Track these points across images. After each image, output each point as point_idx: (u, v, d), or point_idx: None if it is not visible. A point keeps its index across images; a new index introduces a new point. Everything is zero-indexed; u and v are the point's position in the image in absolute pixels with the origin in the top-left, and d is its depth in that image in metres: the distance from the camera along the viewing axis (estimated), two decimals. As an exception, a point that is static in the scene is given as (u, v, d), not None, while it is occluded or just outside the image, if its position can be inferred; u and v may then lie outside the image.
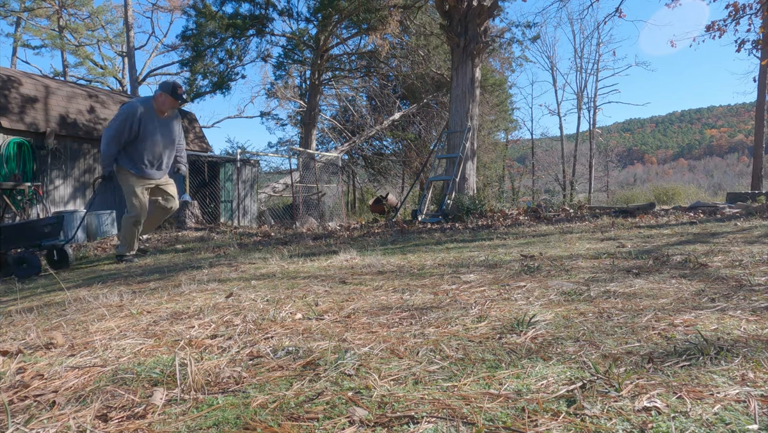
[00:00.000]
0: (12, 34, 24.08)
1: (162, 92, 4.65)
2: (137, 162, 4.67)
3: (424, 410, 1.00)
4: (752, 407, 0.94)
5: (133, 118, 4.54)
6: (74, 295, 2.83)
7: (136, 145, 4.63)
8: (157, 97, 4.66)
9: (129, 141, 4.59)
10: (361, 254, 3.77)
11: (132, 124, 4.54)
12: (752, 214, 5.81)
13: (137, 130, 4.58)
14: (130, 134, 4.56)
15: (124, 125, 4.52)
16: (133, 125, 4.54)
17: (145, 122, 4.59)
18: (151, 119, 4.65)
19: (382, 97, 17.60)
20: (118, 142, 4.55)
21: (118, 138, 4.54)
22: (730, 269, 2.33)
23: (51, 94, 10.77)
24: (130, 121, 4.53)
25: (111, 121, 4.60)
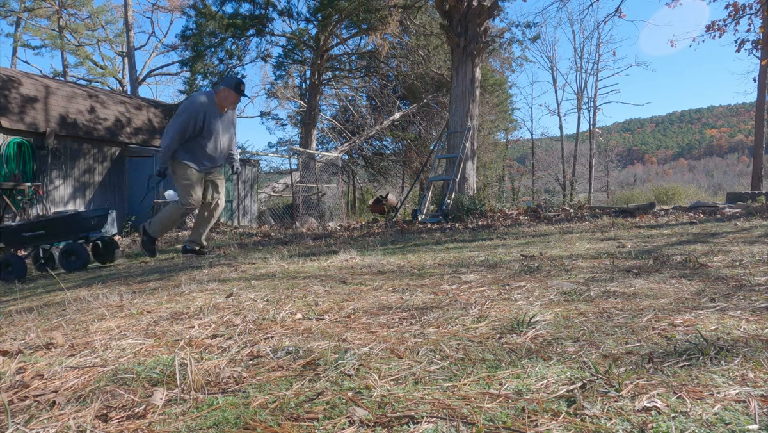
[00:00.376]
0: (12, 34, 24.08)
1: (225, 87, 4.55)
2: (197, 157, 4.59)
3: (424, 410, 1.00)
4: (752, 407, 0.94)
5: (199, 113, 4.47)
6: (74, 295, 2.83)
7: (197, 140, 4.56)
8: (220, 93, 4.57)
9: (191, 136, 4.52)
10: (361, 254, 3.77)
11: (197, 119, 4.46)
12: (752, 214, 5.81)
13: (201, 126, 4.50)
14: (194, 129, 4.49)
15: (190, 120, 4.44)
16: (198, 120, 4.47)
17: (209, 117, 4.52)
18: (214, 114, 4.57)
19: (382, 97, 17.59)
20: (182, 137, 4.47)
21: (183, 133, 4.46)
22: (730, 269, 2.33)
23: (51, 94, 10.77)
24: (195, 116, 4.45)
25: (175, 116, 4.53)
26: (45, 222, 4.79)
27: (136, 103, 13.08)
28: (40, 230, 4.70)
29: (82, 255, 4.67)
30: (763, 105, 14.51)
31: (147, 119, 12.98)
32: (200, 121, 4.48)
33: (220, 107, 4.61)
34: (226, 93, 4.54)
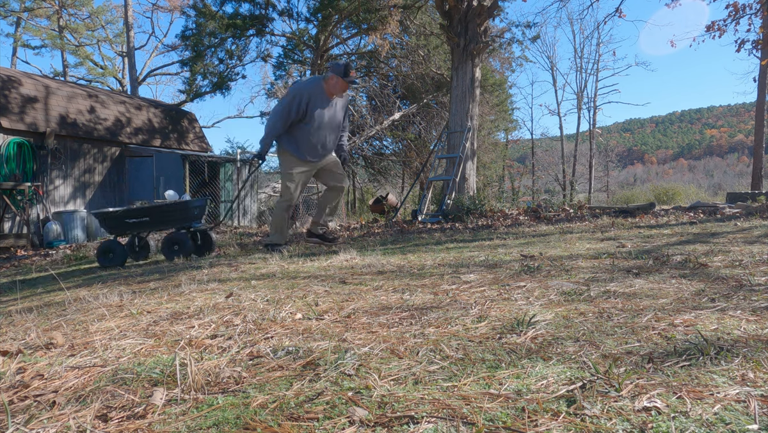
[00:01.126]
0: (12, 34, 24.08)
1: (333, 74, 4.38)
2: (301, 145, 4.45)
3: (424, 410, 1.00)
4: (752, 407, 0.94)
5: (303, 97, 4.33)
6: (74, 295, 2.83)
7: (302, 127, 4.42)
8: (329, 79, 4.40)
9: (295, 121, 4.39)
10: (361, 254, 3.77)
11: (300, 103, 4.32)
12: (752, 214, 5.81)
13: (305, 110, 4.36)
14: (298, 113, 4.35)
15: (293, 103, 4.32)
16: (301, 104, 4.33)
17: (314, 102, 4.37)
18: (321, 100, 4.42)
19: (382, 97, 17.59)
20: (285, 120, 4.34)
21: (287, 116, 4.33)
22: (730, 269, 2.33)
23: (51, 94, 10.77)
24: (298, 99, 4.32)
25: (280, 100, 4.45)
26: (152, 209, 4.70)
27: (136, 103, 13.08)
28: (145, 217, 4.63)
29: (186, 244, 4.57)
30: (763, 105, 14.51)
31: (147, 119, 12.98)
32: (303, 106, 4.33)
33: (329, 94, 4.43)
34: (335, 80, 4.36)
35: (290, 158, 4.45)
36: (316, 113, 4.38)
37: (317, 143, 4.47)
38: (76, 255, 6.49)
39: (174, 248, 4.57)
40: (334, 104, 4.53)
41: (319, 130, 4.43)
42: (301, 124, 4.39)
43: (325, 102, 4.42)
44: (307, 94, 4.32)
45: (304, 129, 4.40)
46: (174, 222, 4.69)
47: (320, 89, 4.39)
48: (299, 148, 4.43)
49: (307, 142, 4.42)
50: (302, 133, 4.41)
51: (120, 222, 4.66)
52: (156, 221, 4.66)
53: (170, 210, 4.66)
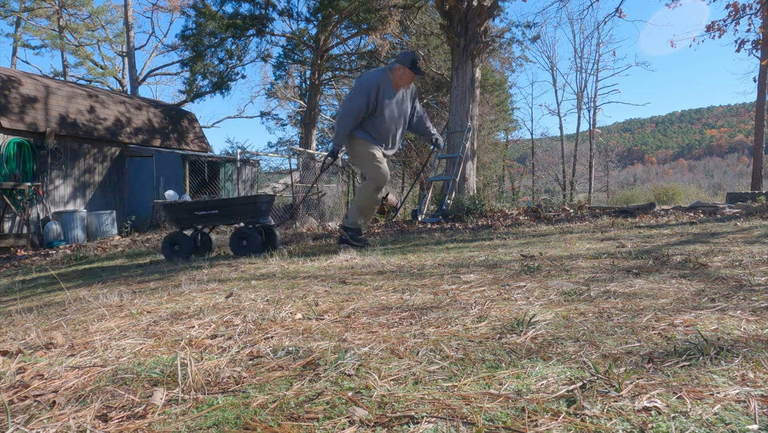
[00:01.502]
0: (12, 34, 24.08)
1: (400, 65, 4.28)
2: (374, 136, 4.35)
3: (424, 410, 1.00)
4: (752, 407, 0.94)
5: (372, 89, 4.24)
6: (74, 295, 2.83)
7: (372, 120, 4.33)
8: (395, 70, 4.31)
9: (366, 115, 4.30)
10: (361, 254, 3.77)
11: (370, 95, 4.23)
12: (752, 214, 5.81)
13: (375, 103, 4.26)
14: (368, 107, 4.26)
15: (363, 97, 4.22)
16: (371, 97, 4.23)
17: (383, 95, 4.28)
18: (389, 92, 4.32)
19: (382, 97, 17.57)
20: (357, 115, 4.24)
21: (358, 110, 4.23)
22: (730, 269, 2.33)
23: (51, 94, 10.77)
24: (367, 93, 4.23)
25: (349, 95, 4.36)
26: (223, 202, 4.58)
27: (136, 103, 13.08)
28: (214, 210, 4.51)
29: (255, 240, 4.43)
30: (763, 105, 14.51)
31: (147, 119, 12.97)
32: (373, 98, 4.23)
33: (396, 86, 4.35)
34: (402, 71, 4.27)
35: (365, 142, 4.32)
36: (385, 106, 4.29)
37: (387, 136, 4.38)
38: (76, 255, 6.49)
39: (242, 244, 4.45)
40: (401, 96, 4.43)
41: (388, 122, 4.34)
42: (372, 118, 4.30)
43: (393, 94, 4.34)
44: (376, 86, 4.23)
45: (373, 122, 4.31)
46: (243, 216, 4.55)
47: (388, 81, 4.30)
48: (373, 138, 4.34)
49: (377, 134, 4.34)
50: (372, 127, 4.33)
51: (188, 214, 4.56)
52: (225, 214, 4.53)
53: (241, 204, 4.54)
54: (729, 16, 11.64)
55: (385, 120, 4.32)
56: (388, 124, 4.35)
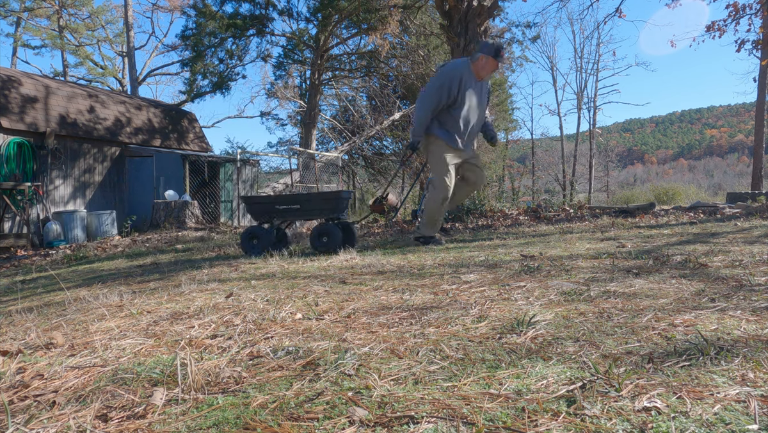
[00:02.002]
0: (12, 34, 24.08)
1: (483, 54, 4.13)
2: (452, 131, 4.18)
3: (424, 410, 1.00)
4: (752, 407, 0.94)
5: (455, 80, 4.08)
6: (74, 295, 2.83)
7: (451, 112, 4.16)
8: (477, 61, 4.15)
9: (445, 107, 4.16)
10: (361, 254, 3.77)
11: (452, 86, 4.08)
12: (752, 214, 5.81)
13: (456, 94, 4.11)
14: (449, 98, 4.11)
15: (444, 88, 4.08)
16: (453, 88, 4.08)
17: (465, 86, 4.13)
18: (471, 84, 4.17)
19: (382, 97, 17.60)
20: (436, 106, 4.10)
21: (437, 102, 4.09)
22: (730, 269, 2.33)
23: (51, 94, 10.77)
24: (449, 83, 4.07)
25: (430, 85, 4.19)
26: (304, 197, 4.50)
27: (136, 103, 13.08)
28: (295, 204, 4.43)
29: (336, 236, 4.32)
30: (763, 105, 14.51)
31: (147, 119, 12.98)
32: (455, 90, 4.09)
33: (477, 76, 4.20)
34: (485, 61, 4.11)
35: (442, 146, 4.19)
36: (467, 97, 4.14)
37: (465, 129, 4.23)
38: (76, 255, 6.49)
39: (323, 240, 4.35)
40: (481, 88, 4.30)
41: (468, 114, 4.19)
42: (451, 109, 4.16)
43: (475, 85, 4.20)
44: (458, 77, 4.10)
45: (453, 114, 4.16)
46: (324, 212, 4.45)
47: (469, 71, 4.17)
48: (450, 134, 4.19)
49: (457, 127, 4.18)
50: (451, 119, 4.17)
51: (269, 208, 4.47)
52: (307, 209, 4.43)
53: (324, 199, 4.45)
54: (729, 16, 11.63)
55: (466, 112, 4.17)
56: (468, 117, 4.20)
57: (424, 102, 4.13)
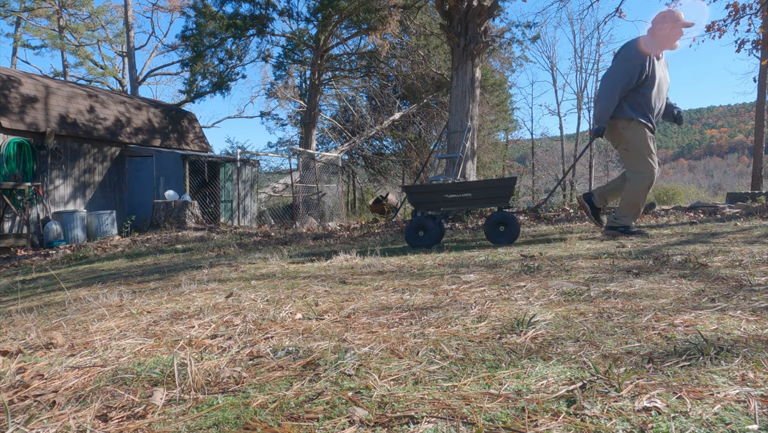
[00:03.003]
0: (12, 34, 24.08)
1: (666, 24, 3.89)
2: (644, 112, 3.91)
3: (424, 410, 1.00)
4: (752, 407, 0.94)
5: (645, 58, 3.84)
6: (74, 295, 2.83)
7: (642, 92, 3.91)
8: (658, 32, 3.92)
9: (634, 87, 3.92)
10: (361, 254, 3.77)
11: (644, 64, 3.84)
12: (752, 214, 5.81)
13: (647, 72, 3.86)
14: (639, 78, 3.86)
15: (635, 66, 3.84)
16: (644, 66, 3.85)
17: (653, 63, 3.88)
18: (656, 59, 3.93)
19: (382, 97, 17.60)
20: (625, 87, 3.86)
21: (627, 82, 3.84)
22: (730, 269, 2.33)
23: (51, 94, 10.78)
24: (642, 61, 3.84)
25: (617, 65, 3.92)
26: (477, 184, 4.29)
27: (136, 103, 13.08)
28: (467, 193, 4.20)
29: (515, 226, 4.10)
30: (763, 105, 14.51)
31: (147, 119, 12.98)
32: (646, 68, 3.84)
33: (661, 49, 3.99)
34: (668, 29, 3.87)
35: (642, 128, 3.92)
36: (657, 75, 3.91)
37: (655, 110, 3.97)
38: (76, 255, 6.49)
39: (499, 229, 4.12)
40: (664, 63, 4.09)
41: (659, 93, 3.96)
42: (642, 89, 3.92)
43: (658, 61, 3.96)
44: (647, 54, 3.86)
45: (644, 95, 3.92)
46: (497, 200, 4.20)
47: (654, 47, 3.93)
48: (645, 115, 3.92)
49: (650, 108, 3.93)
50: (643, 99, 3.92)
51: (437, 197, 4.26)
52: (478, 197, 4.19)
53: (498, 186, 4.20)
54: (729, 16, 11.63)
55: (657, 91, 3.93)
56: (657, 96, 3.96)
57: (611, 84, 3.88)
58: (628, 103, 3.92)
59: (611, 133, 4.02)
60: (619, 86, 3.85)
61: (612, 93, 3.87)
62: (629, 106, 3.91)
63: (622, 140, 3.97)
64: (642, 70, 3.85)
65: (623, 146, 3.99)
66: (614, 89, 3.86)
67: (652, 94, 3.91)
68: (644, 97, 3.91)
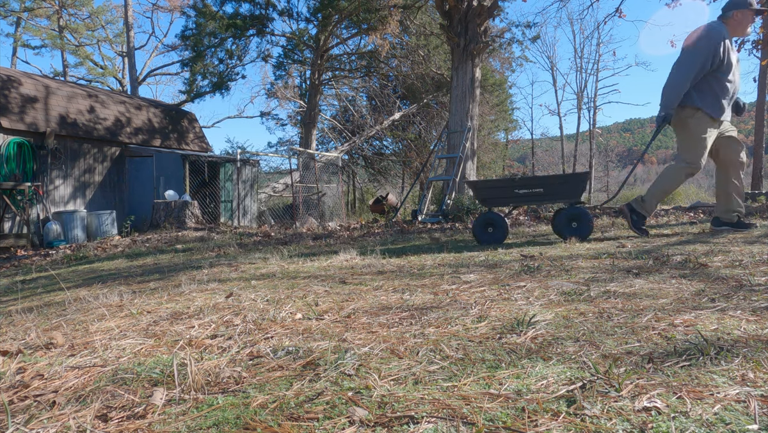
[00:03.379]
0: (12, 34, 24.09)
1: (738, 10, 3.76)
2: (714, 101, 3.80)
3: (424, 410, 1.00)
4: (752, 407, 0.94)
5: (720, 42, 3.69)
6: (74, 295, 2.83)
7: (718, 77, 3.78)
8: (731, 18, 3.78)
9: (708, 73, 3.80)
10: (361, 254, 3.77)
11: (717, 50, 3.70)
12: (752, 214, 5.81)
13: (723, 58, 3.72)
14: (713, 64, 3.73)
15: (709, 53, 3.70)
16: (719, 51, 3.70)
17: (728, 48, 3.74)
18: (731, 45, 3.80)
19: (382, 97, 17.60)
20: (698, 73, 3.74)
21: (701, 68, 3.72)
22: (730, 269, 2.33)
23: (51, 94, 10.78)
24: (715, 46, 3.69)
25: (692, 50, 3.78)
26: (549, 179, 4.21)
27: (136, 103, 13.08)
28: (538, 188, 4.14)
29: (588, 222, 4.03)
30: (763, 105, 14.51)
31: (147, 119, 12.98)
32: (721, 53, 3.70)
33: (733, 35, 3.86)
34: (741, 15, 3.75)
35: (704, 118, 3.82)
36: (732, 62, 3.77)
37: (728, 97, 3.85)
38: (76, 255, 6.49)
39: (572, 225, 4.05)
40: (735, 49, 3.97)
41: (734, 79, 3.84)
42: (717, 74, 3.79)
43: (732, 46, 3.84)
44: (722, 39, 3.72)
45: (717, 81, 3.80)
46: (570, 195, 4.10)
47: (727, 32, 3.80)
48: (712, 104, 3.81)
49: (725, 93, 3.82)
50: (718, 85, 3.79)
51: (507, 192, 4.20)
52: (550, 193, 4.12)
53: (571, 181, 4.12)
54: (729, 16, 11.60)
55: (732, 77, 3.82)
56: (731, 83, 3.84)
57: (683, 70, 3.76)
58: (698, 91, 3.84)
59: (675, 119, 3.94)
60: (692, 73, 3.74)
61: (683, 80, 3.76)
62: (698, 94, 3.84)
63: (685, 128, 3.91)
64: (716, 55, 3.74)
65: (683, 134, 3.93)
66: (686, 76, 3.75)
67: (727, 80, 3.81)
68: (719, 82, 3.81)
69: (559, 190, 4.12)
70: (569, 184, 4.12)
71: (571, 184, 4.11)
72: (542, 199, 4.17)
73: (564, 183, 4.13)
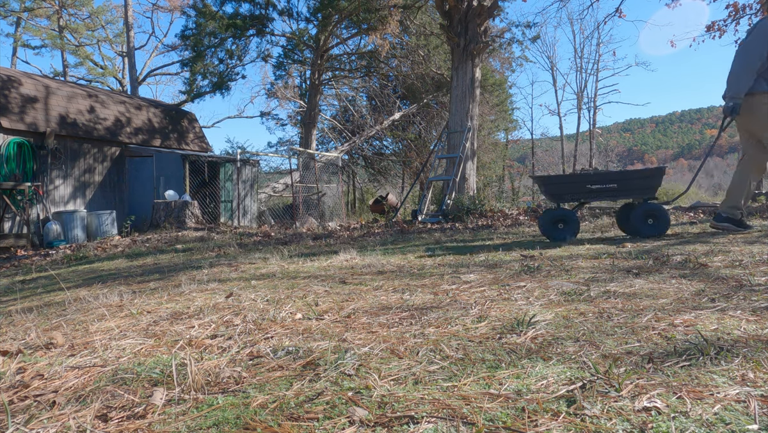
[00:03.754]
0: (12, 34, 24.08)
1: None
2: None
3: (424, 410, 1.00)
4: (752, 407, 0.94)
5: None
6: (74, 295, 2.83)
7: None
8: None
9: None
10: (361, 254, 3.77)
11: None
12: (752, 214, 5.81)
13: None
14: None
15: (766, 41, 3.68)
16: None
17: None
18: None
19: (382, 97, 17.60)
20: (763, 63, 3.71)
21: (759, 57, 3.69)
22: (730, 269, 2.33)
23: (51, 94, 10.77)
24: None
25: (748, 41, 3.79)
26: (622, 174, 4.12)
27: (136, 103, 13.08)
28: (612, 183, 4.04)
29: (665, 219, 3.94)
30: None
31: (147, 119, 12.98)
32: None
33: None
34: None
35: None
36: None
37: None
38: (76, 255, 6.49)
39: (648, 222, 3.97)
40: None
41: None
42: None
43: None
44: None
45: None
46: (644, 191, 4.02)
47: None
48: None
49: None
50: None
51: (578, 188, 4.11)
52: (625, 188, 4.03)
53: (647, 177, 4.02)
54: (729, 16, 11.64)
55: None
56: None
57: (749, 59, 3.73)
58: (766, 78, 3.78)
59: (744, 109, 3.87)
60: (759, 61, 3.70)
61: (749, 68, 3.72)
62: (763, 81, 3.78)
63: (758, 115, 3.82)
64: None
65: (757, 120, 3.84)
66: (751, 64, 3.71)
67: None
68: None
69: (635, 185, 4.04)
70: (646, 180, 4.02)
71: (648, 180, 4.01)
72: (616, 195, 4.08)
73: (640, 179, 4.03)
